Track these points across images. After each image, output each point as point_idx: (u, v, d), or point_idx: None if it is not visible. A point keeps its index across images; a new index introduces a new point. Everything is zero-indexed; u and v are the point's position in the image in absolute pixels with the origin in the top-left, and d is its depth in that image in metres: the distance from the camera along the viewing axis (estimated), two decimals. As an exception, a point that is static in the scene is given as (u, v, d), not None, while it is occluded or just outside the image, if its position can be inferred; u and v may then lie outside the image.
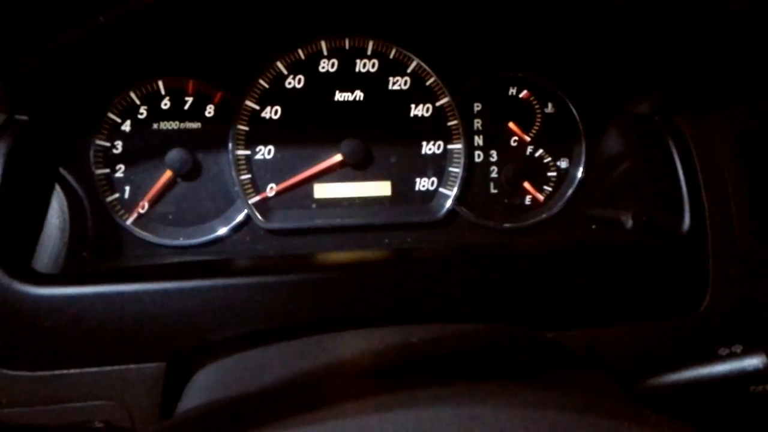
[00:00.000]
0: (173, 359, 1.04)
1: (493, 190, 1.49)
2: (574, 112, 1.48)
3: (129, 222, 1.35)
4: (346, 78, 1.41)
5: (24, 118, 1.12)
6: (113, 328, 1.01)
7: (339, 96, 1.41)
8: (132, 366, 1.03)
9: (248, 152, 1.38)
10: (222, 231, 1.38)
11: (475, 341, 0.96)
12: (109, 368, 1.02)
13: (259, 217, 1.37)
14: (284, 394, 0.77)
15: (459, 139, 1.44)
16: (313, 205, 1.42)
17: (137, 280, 1.04)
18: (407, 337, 0.92)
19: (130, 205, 1.36)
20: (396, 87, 1.43)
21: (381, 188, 1.44)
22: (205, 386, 0.94)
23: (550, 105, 1.49)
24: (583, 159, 1.48)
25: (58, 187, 1.27)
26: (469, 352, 0.91)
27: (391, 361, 0.87)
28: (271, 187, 1.40)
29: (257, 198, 1.39)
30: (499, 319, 1.12)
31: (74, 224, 1.28)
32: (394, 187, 1.44)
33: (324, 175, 1.42)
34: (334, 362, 0.89)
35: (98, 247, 1.32)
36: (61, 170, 1.29)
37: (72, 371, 1.02)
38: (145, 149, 1.35)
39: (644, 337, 1.17)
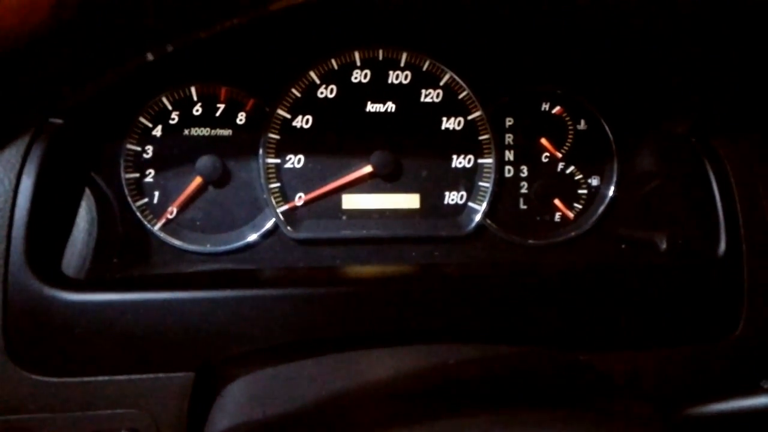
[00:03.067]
0: (202, 369, 1.03)
1: (522, 206, 1.47)
2: (607, 129, 1.46)
3: (157, 227, 1.35)
4: (379, 89, 1.40)
5: (59, 121, 1.12)
6: (143, 336, 1.01)
7: (371, 107, 1.40)
8: (160, 375, 1.02)
9: (278, 161, 1.38)
10: (249, 239, 1.37)
11: (512, 364, 0.95)
12: (137, 376, 1.02)
13: (287, 226, 1.37)
14: (321, 417, 0.75)
15: (490, 153, 1.43)
16: (343, 217, 1.41)
17: (168, 289, 1.03)
18: (444, 358, 0.91)
19: (158, 211, 1.35)
20: (428, 99, 1.42)
21: (410, 201, 1.43)
22: (238, 401, 0.93)
23: (582, 122, 1.47)
24: (614, 177, 1.46)
25: (87, 191, 1.27)
26: (507, 377, 0.90)
27: (429, 383, 0.86)
28: (300, 197, 1.39)
29: (285, 207, 1.38)
30: (528, 339, 1.11)
31: (102, 228, 1.27)
32: (423, 200, 1.43)
33: (353, 186, 1.41)
34: (371, 382, 0.87)
35: (126, 251, 1.32)
36: (92, 173, 1.29)
37: (100, 378, 1.01)
38: (176, 155, 1.35)
39: (676, 362, 1.15)
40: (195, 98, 1.35)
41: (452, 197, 1.44)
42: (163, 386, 1.02)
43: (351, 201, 1.41)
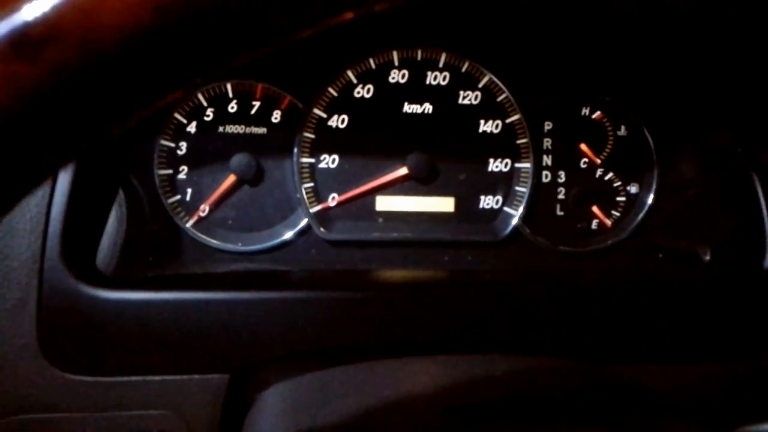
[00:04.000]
0: (237, 372, 1.01)
1: (559, 212, 1.44)
2: (648, 137, 1.42)
3: (189, 225, 1.33)
4: (416, 90, 1.37)
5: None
6: (178, 337, 0.99)
7: (407, 108, 1.37)
8: (195, 376, 1.00)
9: (312, 160, 1.35)
10: (282, 239, 1.35)
11: (553, 379, 0.93)
12: (171, 377, 1.00)
13: (320, 227, 1.34)
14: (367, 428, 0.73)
15: (528, 157, 1.40)
16: (379, 219, 1.38)
17: (205, 289, 1.02)
18: (492, 369, 0.88)
19: (190, 208, 1.33)
20: (466, 101, 1.39)
21: (444, 204, 1.40)
22: (277, 407, 0.91)
23: (623, 128, 1.44)
24: (654, 186, 1.43)
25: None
26: (556, 391, 0.88)
27: (478, 395, 0.84)
28: (333, 197, 1.37)
29: (318, 207, 1.36)
30: (566, 350, 1.09)
31: (133, 224, 1.26)
32: (457, 204, 1.40)
33: (387, 188, 1.38)
34: (413, 392, 0.85)
35: (156, 248, 1.30)
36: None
37: (133, 378, 1.00)
38: (210, 152, 1.33)
39: (723, 378, 1.12)
40: (230, 95, 1.33)
41: (488, 201, 1.41)
42: (198, 388, 1.01)
43: (385, 203, 1.39)
